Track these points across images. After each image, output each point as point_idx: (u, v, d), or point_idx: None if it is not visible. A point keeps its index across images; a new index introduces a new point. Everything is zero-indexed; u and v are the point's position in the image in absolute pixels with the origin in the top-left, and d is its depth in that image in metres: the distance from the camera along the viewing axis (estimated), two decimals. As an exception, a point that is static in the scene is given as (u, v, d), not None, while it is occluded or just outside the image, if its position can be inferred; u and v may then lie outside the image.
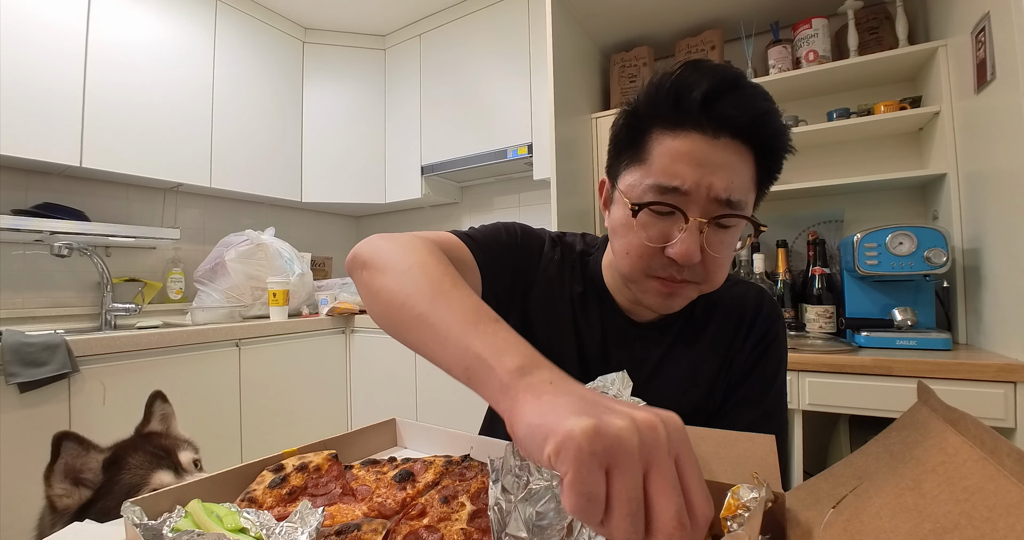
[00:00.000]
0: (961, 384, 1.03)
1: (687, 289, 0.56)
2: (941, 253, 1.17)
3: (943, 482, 0.25)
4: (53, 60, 1.59)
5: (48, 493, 0.54)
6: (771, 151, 0.53)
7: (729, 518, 0.33)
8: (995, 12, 1.07)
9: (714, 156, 0.50)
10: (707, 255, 0.52)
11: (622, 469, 0.23)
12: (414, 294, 0.41)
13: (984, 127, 1.17)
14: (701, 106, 0.49)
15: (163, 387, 0.94)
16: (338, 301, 2.14)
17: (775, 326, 0.67)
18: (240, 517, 0.40)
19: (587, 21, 1.79)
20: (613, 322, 0.67)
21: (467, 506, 0.46)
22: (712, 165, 0.50)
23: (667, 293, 0.56)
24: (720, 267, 0.55)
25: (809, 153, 1.71)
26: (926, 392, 0.33)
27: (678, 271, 0.54)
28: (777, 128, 0.52)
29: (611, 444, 0.23)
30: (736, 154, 0.51)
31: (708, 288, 0.57)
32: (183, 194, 2.17)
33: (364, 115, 2.53)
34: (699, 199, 0.50)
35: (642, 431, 0.24)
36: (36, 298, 1.75)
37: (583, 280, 0.69)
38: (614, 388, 0.39)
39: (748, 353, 0.65)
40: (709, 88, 0.49)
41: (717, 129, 0.50)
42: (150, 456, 0.59)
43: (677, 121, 0.51)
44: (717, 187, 0.50)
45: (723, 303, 0.67)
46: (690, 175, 0.50)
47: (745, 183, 0.52)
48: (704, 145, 0.50)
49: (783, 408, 0.66)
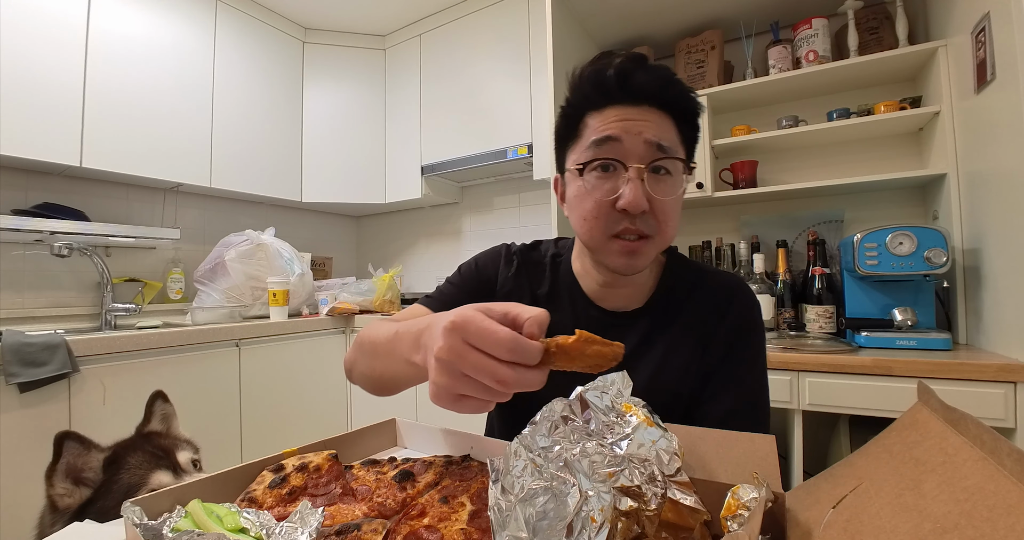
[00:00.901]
0: (961, 384, 1.03)
1: (645, 246, 0.59)
2: (941, 253, 1.17)
3: (943, 482, 0.25)
4: (53, 60, 1.59)
5: (50, 492, 0.54)
6: (684, 113, 0.60)
7: (729, 518, 0.33)
8: (995, 12, 1.07)
9: (638, 115, 0.57)
10: (655, 204, 0.57)
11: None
12: (373, 354, 0.58)
13: (984, 127, 1.17)
14: (617, 82, 0.57)
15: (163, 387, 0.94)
16: (338, 301, 2.15)
17: (751, 313, 0.68)
18: (240, 517, 0.40)
19: (587, 21, 1.79)
20: (587, 314, 0.69)
21: (467, 506, 0.46)
22: (640, 120, 0.57)
23: (628, 251, 0.59)
24: (669, 217, 0.59)
25: (809, 153, 1.71)
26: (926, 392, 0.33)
27: (631, 222, 0.58)
28: (683, 90, 0.59)
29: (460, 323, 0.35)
30: (657, 115, 0.58)
31: (663, 242, 0.60)
32: (183, 194, 2.17)
33: (364, 115, 2.53)
34: (634, 147, 0.57)
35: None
36: (36, 298, 1.75)
37: (552, 280, 0.73)
38: (614, 388, 0.39)
39: (723, 341, 0.65)
40: (620, 66, 0.57)
41: (635, 99, 0.58)
42: (149, 456, 0.59)
43: (602, 101, 0.59)
44: (648, 133, 0.56)
45: (698, 292, 0.68)
46: (620, 126, 0.57)
47: (672, 136, 0.58)
48: (628, 110, 0.58)
49: (763, 396, 0.66)
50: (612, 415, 0.37)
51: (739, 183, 1.70)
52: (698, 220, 1.90)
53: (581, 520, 0.29)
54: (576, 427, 0.36)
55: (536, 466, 0.34)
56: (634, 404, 0.38)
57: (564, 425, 0.37)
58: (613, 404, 0.38)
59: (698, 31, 1.77)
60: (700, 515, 0.33)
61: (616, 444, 0.35)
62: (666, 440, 0.36)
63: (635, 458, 0.33)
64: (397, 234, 2.89)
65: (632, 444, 0.34)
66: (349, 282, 2.30)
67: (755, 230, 1.75)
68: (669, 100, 0.59)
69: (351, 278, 2.38)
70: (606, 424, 0.36)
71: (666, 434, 0.36)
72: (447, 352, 0.35)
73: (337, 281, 2.36)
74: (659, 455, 0.34)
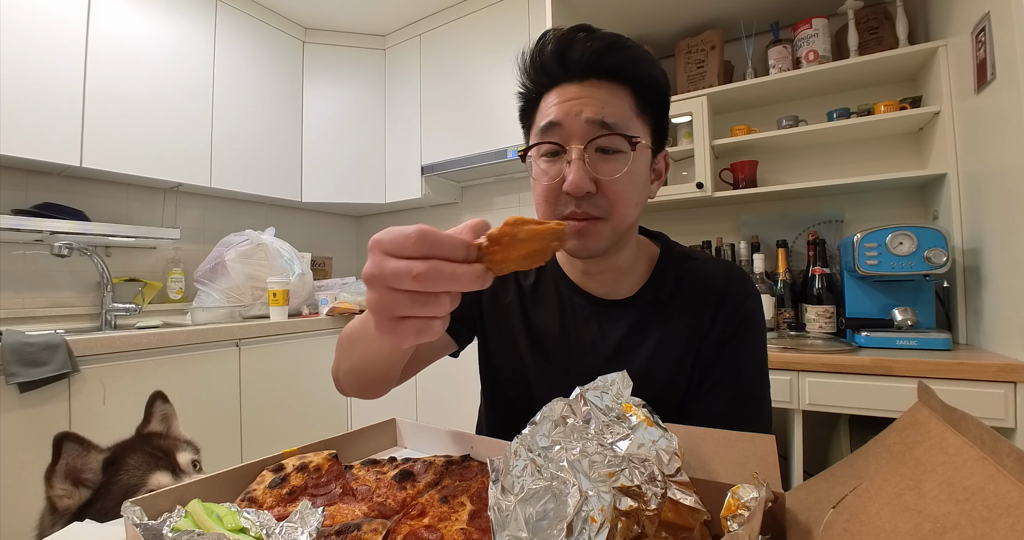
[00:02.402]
0: (961, 384, 1.03)
1: (596, 226, 0.57)
2: (941, 253, 1.17)
3: (943, 482, 0.25)
4: (53, 60, 1.58)
5: (49, 494, 0.54)
6: (638, 80, 0.56)
7: (729, 518, 0.33)
8: (995, 12, 1.07)
9: (582, 92, 0.55)
10: (603, 184, 0.55)
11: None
12: (351, 344, 0.63)
13: (984, 127, 1.17)
14: (556, 59, 0.56)
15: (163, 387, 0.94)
16: (338, 301, 2.15)
17: (746, 304, 0.64)
18: (240, 517, 0.40)
19: (587, 21, 1.79)
20: (572, 300, 0.68)
21: (467, 506, 0.46)
22: (582, 98, 0.55)
23: (579, 230, 0.56)
24: (621, 198, 0.56)
25: (809, 153, 1.71)
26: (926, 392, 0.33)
27: (578, 205, 0.55)
28: (630, 56, 0.56)
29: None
30: (605, 89, 0.55)
31: (618, 223, 0.57)
32: (183, 194, 2.17)
33: (364, 115, 2.53)
34: (575, 128, 0.55)
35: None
36: (36, 298, 1.75)
37: (538, 270, 0.71)
38: (614, 388, 0.40)
39: (719, 333, 0.62)
40: (556, 42, 0.56)
41: (578, 74, 0.56)
42: (148, 457, 0.59)
43: (549, 81, 0.58)
44: (588, 112, 0.54)
45: (690, 280, 0.65)
46: (561, 108, 0.55)
47: (622, 110, 0.55)
48: (572, 88, 0.56)
49: (764, 388, 0.64)
50: (612, 415, 0.37)
51: (739, 183, 1.70)
52: (698, 220, 1.90)
53: (581, 520, 0.29)
54: (576, 427, 0.36)
55: (536, 466, 0.34)
56: (634, 404, 0.38)
57: (564, 425, 0.37)
58: (613, 404, 0.38)
59: (698, 31, 1.77)
60: (700, 515, 0.33)
61: (616, 444, 0.35)
62: (666, 440, 0.36)
63: (635, 458, 0.33)
64: (397, 234, 2.89)
65: (632, 444, 0.34)
66: (349, 282, 2.30)
67: (755, 230, 1.75)
68: (615, 69, 0.55)
69: (351, 278, 2.38)
70: (606, 424, 0.36)
71: (666, 434, 0.36)
72: (369, 267, 0.33)
73: (337, 281, 2.37)
74: (659, 455, 0.34)
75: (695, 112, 1.64)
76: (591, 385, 0.40)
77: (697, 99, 1.64)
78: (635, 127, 0.56)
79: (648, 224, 0.76)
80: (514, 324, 0.70)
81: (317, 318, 2.06)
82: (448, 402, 1.88)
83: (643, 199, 0.60)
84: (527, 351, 0.69)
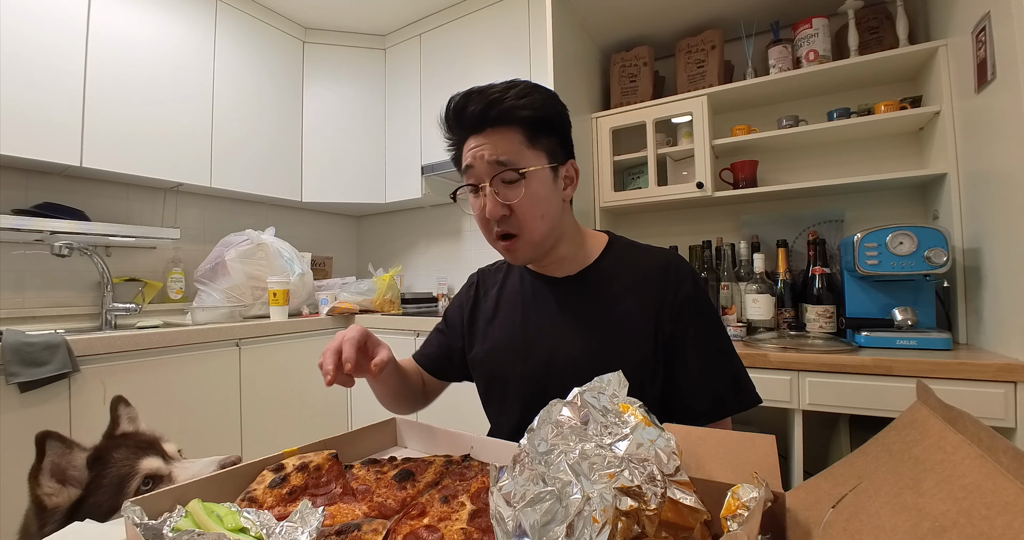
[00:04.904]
0: (961, 384, 1.03)
1: (515, 243, 0.72)
2: (941, 253, 1.17)
3: (941, 480, 0.25)
4: (53, 60, 1.59)
5: (36, 492, 0.53)
6: (523, 121, 0.69)
7: (729, 517, 0.33)
8: (995, 12, 1.07)
9: (483, 140, 0.70)
10: (513, 208, 0.69)
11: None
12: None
13: (984, 127, 1.17)
14: (456, 119, 0.72)
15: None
16: (338, 301, 2.15)
17: (691, 282, 0.75)
18: (240, 517, 0.41)
19: (587, 21, 1.79)
20: (533, 283, 0.82)
21: (467, 506, 0.46)
22: (482, 145, 0.69)
23: (506, 249, 0.73)
24: (527, 215, 0.70)
25: (809, 153, 1.71)
26: (925, 391, 0.33)
27: (499, 226, 0.71)
28: (507, 108, 0.68)
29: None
30: (498, 133, 0.69)
31: (531, 236, 0.71)
32: (183, 194, 2.17)
33: (364, 115, 2.53)
34: (482, 169, 0.69)
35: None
36: (36, 298, 1.75)
37: (507, 268, 0.89)
38: (610, 388, 0.40)
39: (670, 312, 0.73)
40: (455, 106, 0.71)
41: (475, 127, 0.70)
42: (134, 449, 0.59)
43: (460, 135, 0.73)
44: (487, 154, 0.69)
45: (632, 262, 0.79)
46: (471, 154, 0.70)
47: (511, 148, 0.69)
48: (475, 138, 0.70)
49: (728, 346, 0.75)
50: (610, 416, 0.37)
51: (739, 183, 1.70)
52: (698, 220, 1.90)
53: (583, 520, 0.30)
54: (575, 428, 0.36)
55: (536, 469, 0.34)
56: (631, 404, 0.38)
57: (562, 427, 0.37)
58: (610, 404, 0.38)
59: (698, 31, 1.77)
60: (700, 515, 0.33)
61: (615, 445, 0.35)
62: (664, 439, 0.36)
63: (634, 458, 0.33)
64: (397, 234, 2.89)
65: (631, 444, 0.34)
66: (349, 282, 2.30)
67: (755, 230, 1.75)
68: (500, 118, 0.69)
69: (351, 278, 2.38)
70: (604, 425, 0.36)
71: (664, 433, 0.36)
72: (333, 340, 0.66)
73: (337, 281, 2.37)
74: (658, 454, 0.34)
75: (695, 112, 1.64)
76: (588, 386, 0.40)
77: (697, 99, 1.64)
78: (527, 156, 0.69)
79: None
80: (506, 309, 0.84)
81: (317, 318, 2.06)
82: (448, 402, 1.88)
83: (551, 209, 0.72)
84: (500, 330, 0.83)
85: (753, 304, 1.51)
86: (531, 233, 0.71)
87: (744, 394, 0.72)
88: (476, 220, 0.75)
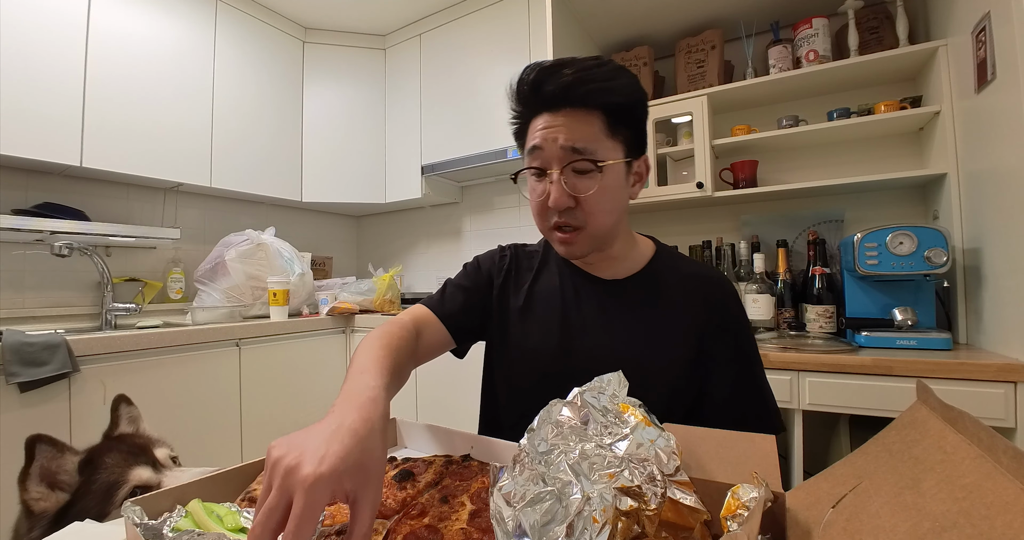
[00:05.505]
0: (961, 384, 1.03)
1: (578, 236, 0.67)
2: (941, 253, 1.17)
3: (941, 480, 0.25)
4: (53, 60, 1.59)
5: (24, 497, 0.52)
6: (606, 107, 0.63)
7: (729, 518, 0.33)
8: (995, 12, 1.07)
9: (555, 121, 0.63)
10: (580, 199, 0.64)
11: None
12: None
13: (984, 127, 1.17)
14: (532, 92, 0.65)
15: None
16: (338, 301, 2.15)
17: (736, 306, 0.74)
18: (240, 517, 0.41)
19: (587, 21, 1.79)
20: (574, 280, 0.77)
21: (467, 506, 0.46)
22: (556, 126, 0.63)
23: (563, 241, 0.68)
24: (595, 209, 0.65)
25: (809, 153, 1.71)
26: (925, 391, 0.33)
27: (560, 217, 0.65)
28: (595, 88, 0.62)
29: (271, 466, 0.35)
30: (575, 117, 0.63)
31: (595, 230, 0.66)
32: (183, 194, 2.17)
33: (364, 115, 2.53)
34: (553, 152, 0.63)
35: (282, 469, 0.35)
36: (36, 298, 1.75)
37: (543, 256, 0.82)
38: (610, 388, 0.40)
39: (716, 329, 0.71)
40: (533, 78, 0.65)
41: (552, 105, 0.64)
42: (125, 454, 0.58)
43: (531, 110, 0.67)
44: (561, 139, 0.62)
45: (680, 274, 0.75)
46: (541, 135, 0.64)
47: (590, 134, 0.63)
48: (549, 117, 0.64)
49: (761, 374, 0.73)
50: (610, 416, 0.37)
51: (739, 183, 1.70)
52: (698, 220, 1.90)
53: (583, 520, 0.30)
54: (575, 428, 0.36)
55: (536, 469, 0.34)
56: (631, 404, 0.38)
57: (562, 427, 0.37)
58: (610, 404, 0.38)
59: (698, 31, 1.77)
60: (700, 515, 0.33)
61: (615, 445, 0.35)
62: (664, 439, 0.36)
63: (634, 458, 0.33)
64: (397, 234, 2.89)
65: (631, 444, 0.34)
66: (349, 282, 2.30)
67: (755, 230, 1.75)
68: (583, 99, 0.62)
69: (351, 278, 2.38)
70: (604, 425, 0.36)
71: (664, 433, 0.36)
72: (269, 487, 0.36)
73: (337, 281, 2.37)
74: (658, 454, 0.34)
75: (695, 112, 1.64)
76: (588, 386, 0.40)
77: (697, 99, 1.64)
78: (605, 147, 0.64)
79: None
80: (548, 295, 0.78)
81: (317, 318, 2.06)
82: (448, 402, 1.88)
83: (619, 205, 0.68)
84: (556, 312, 0.76)
85: (753, 304, 1.51)
86: (595, 228, 0.66)
87: (767, 421, 0.70)
88: (531, 204, 0.69)
